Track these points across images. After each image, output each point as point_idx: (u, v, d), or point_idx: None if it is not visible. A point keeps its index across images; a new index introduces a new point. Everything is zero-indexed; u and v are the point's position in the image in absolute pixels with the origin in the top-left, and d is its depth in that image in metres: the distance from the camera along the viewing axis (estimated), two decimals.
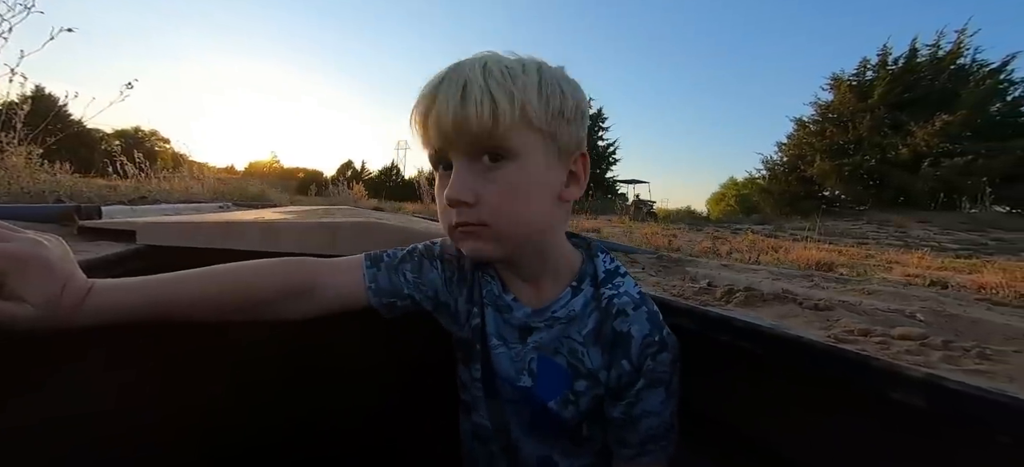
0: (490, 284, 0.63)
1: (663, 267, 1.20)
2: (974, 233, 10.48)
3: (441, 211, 0.54)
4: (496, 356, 0.61)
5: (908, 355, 0.47)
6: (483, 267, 0.64)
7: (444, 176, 0.52)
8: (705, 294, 0.81)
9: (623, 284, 0.59)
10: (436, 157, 0.53)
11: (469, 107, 0.46)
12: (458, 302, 0.65)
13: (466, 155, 0.49)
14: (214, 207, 2.99)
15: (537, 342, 0.58)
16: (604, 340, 0.56)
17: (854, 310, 0.69)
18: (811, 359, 0.51)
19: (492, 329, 0.62)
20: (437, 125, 0.49)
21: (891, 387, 0.44)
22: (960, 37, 16.43)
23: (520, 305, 0.60)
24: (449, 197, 0.49)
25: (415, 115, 0.52)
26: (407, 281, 0.64)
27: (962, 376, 0.43)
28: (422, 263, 0.65)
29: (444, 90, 0.48)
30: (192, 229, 0.86)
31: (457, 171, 0.50)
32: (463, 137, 0.48)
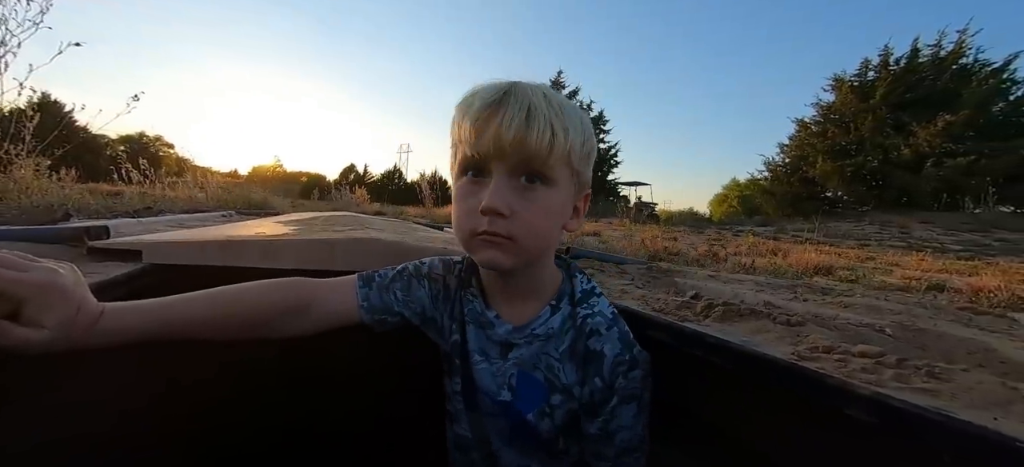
0: (472, 302, 0.66)
1: (652, 278, 1.23)
2: (977, 233, 10.45)
3: (463, 214, 0.55)
4: (479, 372, 0.64)
5: (862, 373, 0.50)
6: (466, 286, 0.68)
7: (474, 182, 0.54)
8: (686, 309, 0.84)
9: (598, 304, 0.62)
10: (473, 163, 0.54)
11: (532, 130, 0.50)
12: (443, 318, 0.69)
13: (509, 171, 0.52)
14: (218, 216, 3.04)
15: (517, 358, 0.62)
16: (578, 357, 0.60)
17: (826, 325, 0.72)
18: (773, 375, 0.54)
19: (474, 345, 0.65)
20: (496, 136, 0.50)
21: (843, 403, 0.47)
22: (962, 37, 16.40)
23: (502, 322, 0.63)
24: (488, 206, 0.51)
25: (468, 119, 0.52)
26: (397, 299, 0.68)
27: (909, 394, 0.46)
28: (411, 282, 0.69)
29: (510, 106, 0.51)
30: (195, 248, 0.89)
31: (497, 183, 0.52)
32: (517, 154, 0.51)
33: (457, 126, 0.55)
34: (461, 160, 0.55)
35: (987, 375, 0.49)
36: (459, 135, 0.55)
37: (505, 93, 0.53)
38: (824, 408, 0.49)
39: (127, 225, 1.64)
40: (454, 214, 0.58)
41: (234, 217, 3.16)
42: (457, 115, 0.55)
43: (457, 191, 0.57)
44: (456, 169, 0.58)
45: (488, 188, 0.53)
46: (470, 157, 0.54)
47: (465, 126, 0.53)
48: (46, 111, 3.93)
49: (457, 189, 0.57)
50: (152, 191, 5.71)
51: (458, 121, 0.55)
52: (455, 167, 0.58)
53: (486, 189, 0.53)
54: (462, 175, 0.56)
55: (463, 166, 0.56)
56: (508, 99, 0.52)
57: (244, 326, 0.60)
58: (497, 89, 0.53)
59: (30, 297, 0.46)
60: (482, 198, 0.52)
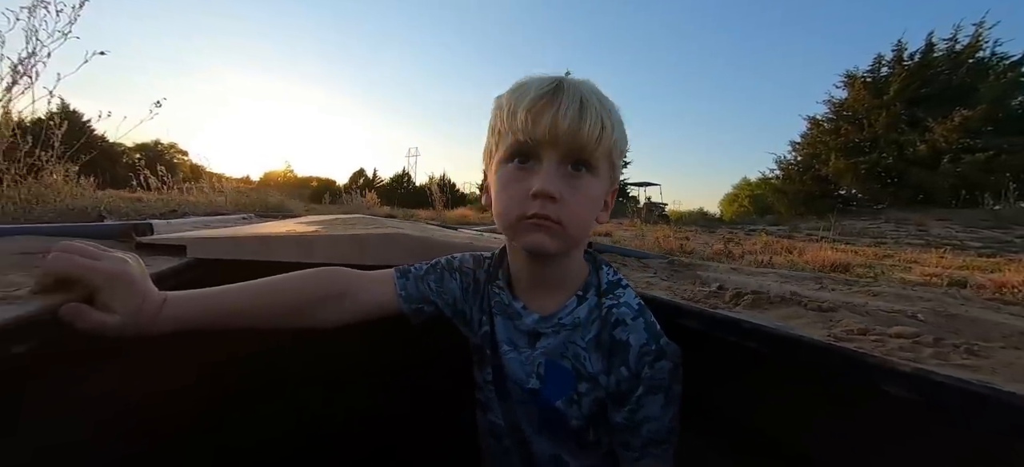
0: (499, 294, 0.68)
1: (675, 271, 1.24)
2: (997, 230, 10.20)
3: (510, 198, 0.56)
4: (508, 361, 0.66)
5: (900, 352, 0.51)
6: (494, 279, 0.70)
7: (521, 169, 0.56)
8: (715, 297, 0.85)
9: (623, 295, 0.64)
10: (522, 149, 0.56)
11: (586, 121, 0.53)
12: (472, 311, 0.72)
13: (560, 158, 0.55)
14: (238, 219, 3.10)
15: (545, 347, 0.63)
16: (603, 347, 0.61)
17: (857, 311, 0.73)
18: (810, 356, 0.56)
19: (503, 336, 0.67)
20: (552, 123, 0.53)
21: (883, 381, 0.48)
22: (978, 30, 16.06)
23: (529, 312, 0.65)
24: (542, 189, 0.53)
25: (523, 107, 0.54)
26: (431, 289, 0.71)
27: (950, 370, 0.47)
28: (443, 275, 0.73)
29: (565, 97, 0.54)
30: (235, 243, 0.93)
31: (548, 169, 0.54)
32: (570, 143, 0.54)
33: (505, 113, 0.57)
34: (510, 146, 0.57)
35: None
36: (507, 123, 0.56)
37: (558, 85, 0.55)
38: (864, 387, 0.50)
39: (160, 226, 1.70)
40: (499, 199, 0.58)
41: (253, 219, 3.23)
42: (506, 102, 0.57)
43: (503, 176, 0.58)
44: (500, 155, 0.59)
45: (537, 174, 0.55)
46: (521, 143, 0.55)
47: (519, 113, 0.54)
48: (67, 120, 4.05)
49: (502, 175, 0.58)
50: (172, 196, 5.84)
51: (508, 108, 0.56)
52: (499, 154, 0.60)
53: (534, 175, 0.55)
54: (508, 161, 0.58)
55: (511, 152, 0.57)
56: (562, 90, 0.55)
57: (289, 313, 0.64)
58: (550, 81, 0.56)
59: (103, 285, 0.50)
60: (531, 183, 0.55)
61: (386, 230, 1.10)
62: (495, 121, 0.61)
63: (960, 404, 0.43)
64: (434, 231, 1.41)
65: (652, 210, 12.86)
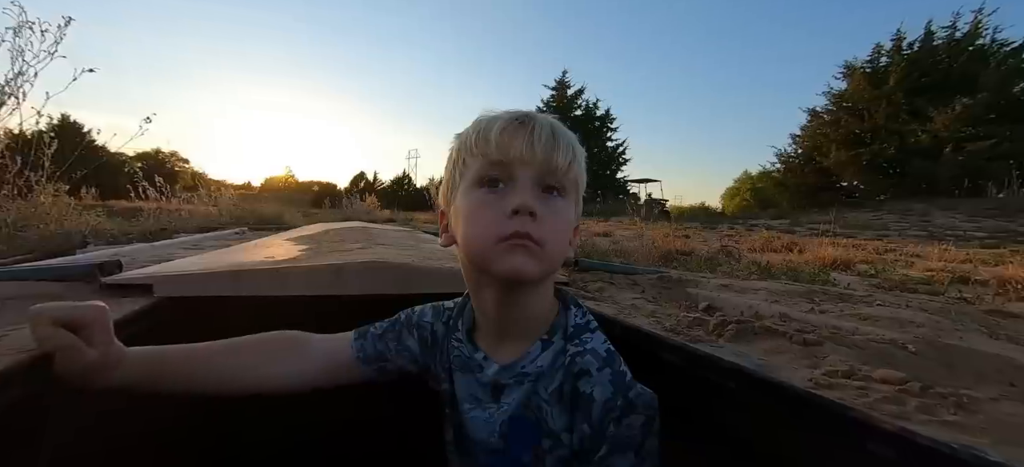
0: (458, 348, 0.64)
1: (664, 288, 1.21)
2: (1002, 219, 10.10)
3: (485, 221, 0.53)
4: (470, 419, 0.61)
5: (885, 404, 0.48)
6: (453, 330, 0.66)
7: (493, 192, 0.54)
8: (698, 326, 0.82)
9: (590, 341, 0.58)
10: (496, 172, 0.54)
11: (558, 145, 0.54)
12: (435, 366, 0.68)
13: (532, 179, 0.54)
14: (231, 234, 3.09)
15: (508, 402, 0.59)
16: (565, 400, 0.55)
17: (845, 342, 0.70)
18: (790, 404, 0.53)
19: (463, 393, 0.63)
20: (528, 144, 0.53)
21: (865, 438, 0.45)
22: (977, 17, 15.94)
23: (490, 362, 0.60)
24: (520, 205, 0.51)
25: (493, 131, 0.54)
26: (389, 348, 0.68)
27: (937, 428, 0.44)
28: (401, 332, 0.69)
29: (537, 123, 0.55)
30: (204, 279, 0.90)
31: (523, 187, 0.53)
32: (545, 164, 0.54)
33: (473, 139, 0.55)
34: (480, 169, 0.55)
35: (1019, 404, 0.46)
36: (477, 147, 0.55)
37: (528, 114, 0.56)
38: (845, 442, 0.47)
39: (141, 251, 1.67)
40: (470, 225, 0.54)
41: (247, 234, 3.21)
42: (473, 131, 0.56)
43: (472, 202, 0.55)
44: (468, 182, 0.56)
45: (513, 193, 0.52)
46: (495, 162, 0.54)
47: (491, 136, 0.54)
48: (66, 134, 4.03)
49: (472, 200, 0.55)
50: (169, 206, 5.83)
51: (476, 135, 0.55)
52: (465, 181, 0.56)
53: (508, 196, 0.52)
54: (477, 186, 0.55)
55: (481, 176, 0.55)
56: (533, 118, 0.55)
57: (246, 378, 0.62)
58: (518, 111, 0.57)
59: (86, 327, 0.51)
60: (506, 204, 0.52)
61: (365, 258, 1.07)
62: (458, 153, 0.59)
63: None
64: (415, 251, 1.37)
65: (652, 207, 12.81)
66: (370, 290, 0.99)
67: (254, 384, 0.61)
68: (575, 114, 26.13)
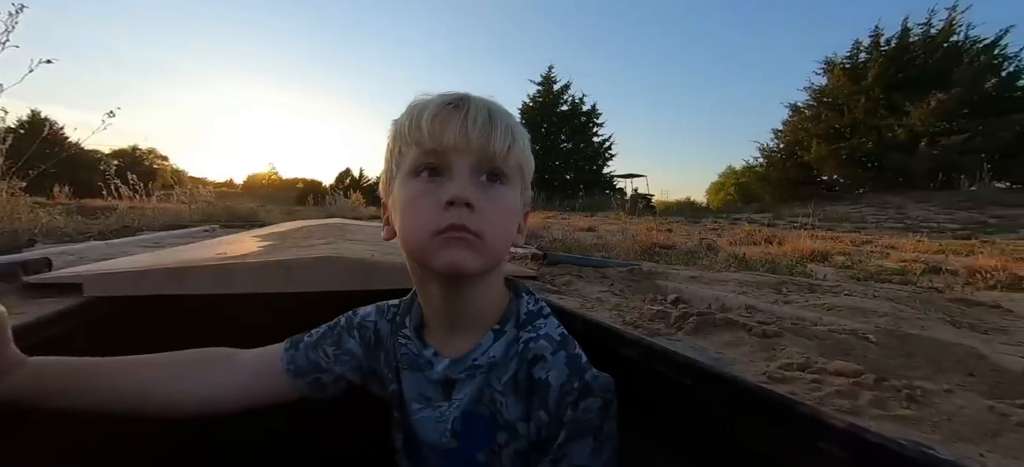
0: (406, 345, 0.60)
1: (632, 282, 1.18)
2: (974, 211, 10.42)
3: (420, 213, 0.50)
4: (420, 421, 0.58)
5: (837, 397, 0.45)
6: (400, 327, 0.62)
7: (430, 181, 0.51)
8: (660, 319, 0.79)
9: (544, 326, 0.56)
10: (431, 160, 0.51)
11: (496, 129, 0.51)
12: (379, 367, 0.63)
13: (471, 167, 0.51)
14: (200, 232, 2.98)
15: (461, 398, 0.56)
16: (521, 388, 0.54)
17: (805, 333, 0.68)
18: (743, 400, 0.50)
19: (412, 393, 0.59)
20: (462, 130, 0.50)
21: (815, 435, 0.42)
22: (951, 14, 16.35)
23: (440, 357, 0.57)
24: (456, 195, 0.48)
25: (426, 116, 0.51)
26: (327, 356, 0.62)
27: (889, 424, 0.42)
28: (342, 336, 0.64)
29: (472, 106, 0.51)
30: (139, 277, 0.84)
31: (459, 177, 0.50)
32: (481, 151, 0.51)
33: (407, 127, 0.52)
34: (415, 158, 0.52)
35: (974, 397, 0.44)
36: (410, 135, 0.51)
37: (463, 96, 0.52)
38: (796, 438, 0.45)
39: (93, 250, 1.59)
40: (406, 217, 0.51)
41: (217, 231, 3.11)
42: (407, 117, 0.53)
43: (408, 193, 0.51)
44: (404, 172, 0.53)
45: (447, 185, 0.49)
46: (429, 151, 0.51)
47: (423, 123, 0.50)
48: (37, 130, 3.84)
49: (407, 192, 0.51)
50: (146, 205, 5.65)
51: (410, 121, 0.52)
52: (401, 172, 0.53)
53: (445, 186, 0.49)
54: (413, 176, 0.52)
55: (416, 165, 0.51)
56: (468, 101, 0.52)
57: (156, 397, 0.57)
58: (453, 94, 0.53)
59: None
60: (441, 195, 0.49)
61: (319, 253, 1.02)
62: (394, 141, 0.55)
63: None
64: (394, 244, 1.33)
65: (638, 202, 12.89)
66: (324, 286, 0.94)
67: (166, 403, 0.56)
68: (561, 109, 26.12)
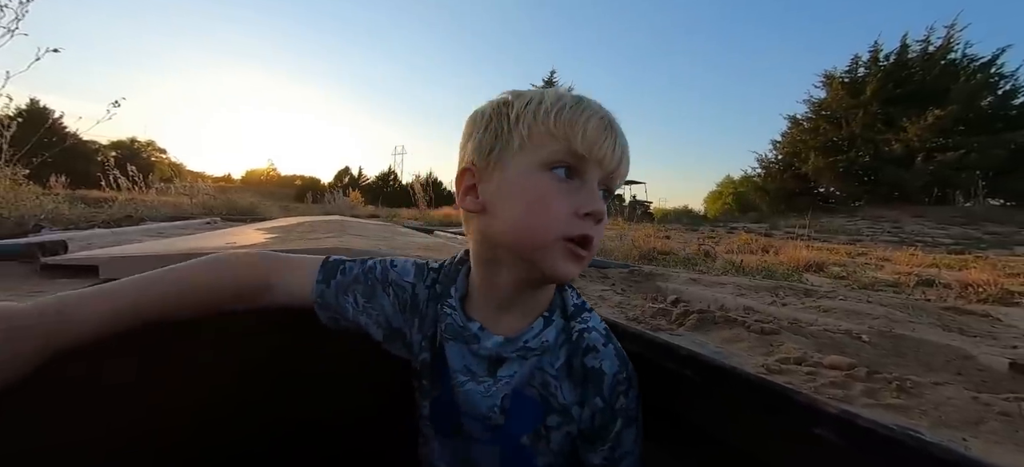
0: (451, 315, 0.58)
1: (633, 282, 1.20)
2: (968, 227, 10.52)
3: (555, 216, 0.49)
4: (465, 393, 0.57)
5: (831, 388, 0.48)
6: (443, 297, 0.61)
7: (566, 183, 0.50)
8: (661, 316, 0.82)
9: (590, 319, 0.58)
10: (570, 161, 0.50)
11: (627, 158, 0.53)
12: (411, 332, 0.63)
13: (598, 181, 0.52)
14: (201, 223, 3.00)
15: (509, 376, 0.56)
16: (575, 375, 0.55)
17: (802, 332, 0.70)
18: (743, 391, 0.52)
19: (457, 363, 0.58)
20: (610, 151, 0.51)
21: (811, 422, 0.45)
22: (950, 32, 16.55)
23: (488, 334, 0.57)
24: (597, 209, 0.50)
25: (581, 118, 0.50)
26: (355, 305, 0.62)
27: (880, 412, 0.44)
28: (375, 288, 0.63)
29: (620, 134, 0.53)
30: (154, 262, 0.86)
31: (595, 189, 0.51)
32: (616, 171, 0.53)
33: (555, 118, 0.50)
34: (553, 154, 0.50)
35: (960, 389, 0.47)
36: (556, 128, 0.50)
37: (610, 116, 0.53)
38: (793, 426, 0.47)
39: (99, 237, 1.60)
40: (535, 212, 0.50)
41: (218, 224, 3.12)
42: (555, 107, 0.51)
43: (540, 185, 0.50)
44: (534, 160, 0.50)
45: (583, 192, 0.50)
46: (576, 154, 0.50)
47: (577, 127, 0.49)
48: (35, 119, 3.82)
49: (539, 183, 0.50)
50: (143, 197, 5.64)
51: (558, 113, 0.50)
52: (527, 156, 0.51)
53: (581, 194, 0.50)
54: (545, 169, 0.50)
55: (554, 160, 0.50)
56: (614, 122, 0.53)
57: (201, 303, 0.58)
58: (599, 106, 0.53)
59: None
60: (576, 202, 0.49)
61: (327, 246, 1.04)
62: (522, 117, 0.51)
63: (884, 452, 0.39)
64: (387, 242, 1.35)
65: (636, 209, 12.94)
66: None
67: (210, 309, 0.59)
68: None
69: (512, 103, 0.53)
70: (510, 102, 0.53)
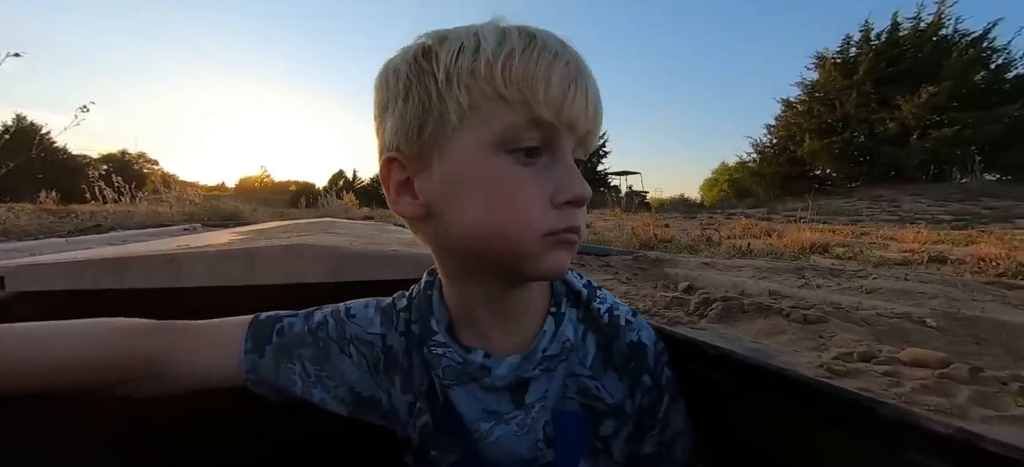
0: (444, 355, 0.45)
1: (639, 270, 1.08)
2: (967, 202, 10.48)
3: (527, 209, 0.37)
4: (495, 442, 0.44)
5: (925, 394, 0.35)
6: (427, 337, 0.47)
7: (529, 165, 0.37)
8: (677, 306, 0.69)
9: (608, 297, 0.51)
10: (534, 134, 0.36)
11: (601, 110, 0.40)
12: (392, 395, 0.48)
13: (571, 151, 0.39)
14: (178, 230, 2.85)
15: (541, 398, 0.44)
16: (619, 360, 0.47)
17: (851, 319, 0.57)
18: (798, 398, 0.40)
19: (473, 411, 0.45)
20: (581, 109, 0.37)
21: (905, 442, 0.32)
22: (940, 8, 16.47)
23: (499, 359, 0.44)
24: (581, 194, 0.38)
25: (541, 70, 0.35)
26: (304, 375, 0.47)
27: (1007, 427, 0.32)
28: (329, 349, 0.48)
29: (585, 70, 0.38)
30: (76, 269, 0.73)
31: (571, 166, 0.38)
32: (587, 132, 0.39)
33: (503, 73, 0.35)
34: (510, 128, 0.36)
35: None
36: (509, 88, 0.35)
37: (573, 55, 0.38)
38: (878, 448, 0.35)
39: (47, 246, 1.47)
40: (501, 209, 0.37)
41: (198, 229, 2.98)
42: (497, 57, 0.35)
43: (500, 174, 0.36)
44: (485, 138, 0.36)
45: (557, 171, 0.38)
46: (542, 122, 0.36)
47: (539, 77, 0.35)
48: (22, 134, 3.70)
49: (499, 171, 0.36)
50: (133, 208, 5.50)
51: (508, 67, 0.35)
52: (474, 134, 0.36)
53: (554, 173, 0.38)
54: (503, 150, 0.36)
55: (513, 136, 0.36)
56: (580, 64, 0.38)
57: (67, 384, 0.43)
58: (559, 42, 0.38)
59: None
60: (556, 185, 0.37)
61: (291, 241, 0.91)
62: (455, 77, 0.36)
63: None
64: (372, 239, 1.22)
65: (632, 198, 12.83)
66: (292, 278, 0.83)
67: (88, 390, 0.44)
68: None
69: (435, 53, 0.37)
70: (431, 51, 0.38)
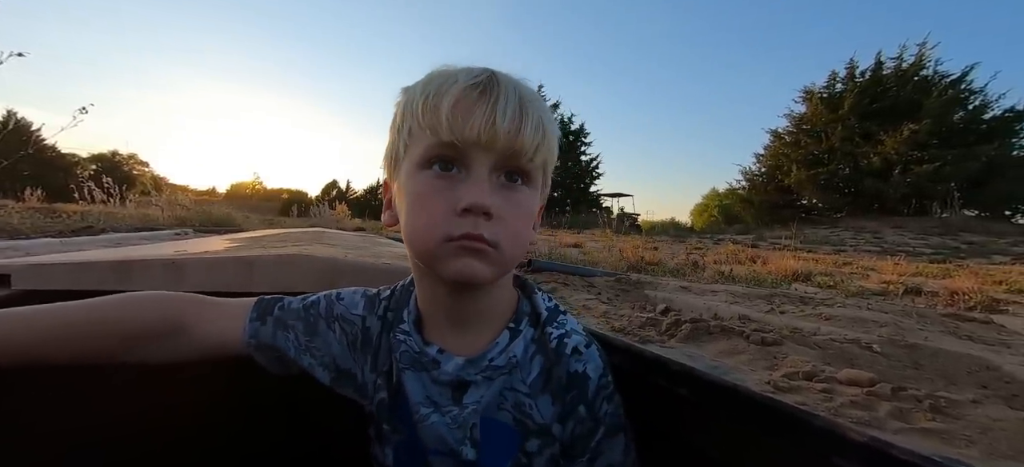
0: (405, 341, 0.52)
1: (620, 291, 1.13)
2: (946, 237, 10.78)
3: (430, 216, 0.44)
4: (429, 427, 0.50)
5: (852, 408, 0.40)
6: (395, 324, 0.54)
7: (442, 177, 0.44)
8: (651, 326, 0.74)
9: (568, 322, 0.53)
10: (445, 152, 0.44)
11: (527, 123, 0.44)
12: (363, 371, 0.55)
13: (492, 166, 0.44)
14: (170, 234, 2.85)
15: (476, 401, 0.49)
16: (557, 385, 0.49)
17: (806, 343, 0.63)
18: (746, 411, 0.44)
19: (417, 395, 0.51)
20: (489, 123, 0.42)
21: (831, 450, 0.37)
22: (921, 50, 17.16)
23: (449, 356, 0.50)
24: (476, 203, 0.42)
25: (447, 100, 0.43)
26: (297, 343, 0.55)
27: (915, 438, 0.37)
28: (318, 323, 0.56)
29: (503, 93, 0.44)
30: (79, 270, 0.76)
31: (479, 178, 0.43)
32: (507, 148, 0.44)
33: (420, 106, 0.44)
34: (428, 148, 0.44)
35: (1003, 408, 0.39)
36: (424, 118, 0.44)
37: (491, 77, 0.45)
38: (809, 454, 0.39)
39: (44, 246, 1.48)
40: (416, 216, 0.45)
41: (189, 235, 2.98)
42: (421, 94, 0.45)
43: (418, 187, 0.45)
44: (413, 160, 0.45)
45: (466, 184, 0.43)
46: (445, 144, 0.43)
47: (442, 107, 0.42)
48: (10, 130, 3.69)
49: (418, 184, 0.45)
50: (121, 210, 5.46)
51: (425, 100, 0.44)
52: (410, 157, 0.46)
53: (461, 185, 0.43)
54: (424, 168, 0.45)
55: (429, 156, 0.44)
56: (498, 84, 0.44)
57: (100, 348, 0.51)
58: (480, 71, 0.45)
59: None
60: (457, 196, 0.43)
61: (288, 251, 0.95)
62: (404, 116, 0.47)
63: None
64: (363, 251, 1.25)
65: (623, 220, 12.98)
66: (287, 287, 0.86)
67: (115, 357, 0.52)
68: None
69: (399, 102, 0.49)
70: (399, 102, 0.49)
